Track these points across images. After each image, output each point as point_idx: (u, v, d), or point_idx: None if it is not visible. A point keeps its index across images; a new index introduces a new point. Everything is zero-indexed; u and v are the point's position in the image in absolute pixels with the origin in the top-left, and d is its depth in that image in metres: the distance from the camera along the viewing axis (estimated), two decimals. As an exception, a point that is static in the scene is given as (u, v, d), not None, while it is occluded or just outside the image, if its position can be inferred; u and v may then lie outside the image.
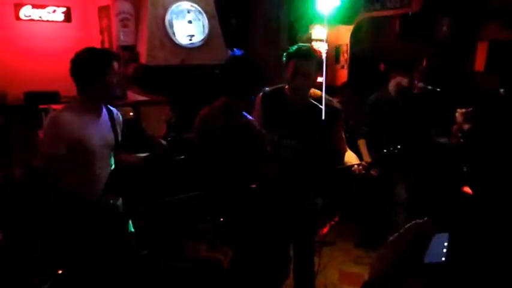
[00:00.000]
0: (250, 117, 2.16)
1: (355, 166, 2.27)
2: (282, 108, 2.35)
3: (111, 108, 2.23)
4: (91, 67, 2.01)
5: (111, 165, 2.20)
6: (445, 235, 0.89)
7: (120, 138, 2.25)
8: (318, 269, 2.68)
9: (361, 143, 3.32)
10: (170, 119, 2.42)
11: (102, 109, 2.15)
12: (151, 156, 2.33)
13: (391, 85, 3.37)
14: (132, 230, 2.34)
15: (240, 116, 2.14)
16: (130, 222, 2.32)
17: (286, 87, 2.39)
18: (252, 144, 2.08)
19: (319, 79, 2.38)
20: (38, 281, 2.25)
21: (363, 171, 2.25)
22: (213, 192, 2.21)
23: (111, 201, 2.11)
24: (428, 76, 3.94)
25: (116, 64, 2.06)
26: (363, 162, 2.31)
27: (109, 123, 2.16)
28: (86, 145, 2.02)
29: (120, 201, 2.17)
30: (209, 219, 2.28)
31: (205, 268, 3.20)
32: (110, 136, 2.16)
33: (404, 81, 3.32)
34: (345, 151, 2.46)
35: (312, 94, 2.36)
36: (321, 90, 2.37)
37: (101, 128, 2.11)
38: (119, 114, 2.30)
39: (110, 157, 2.19)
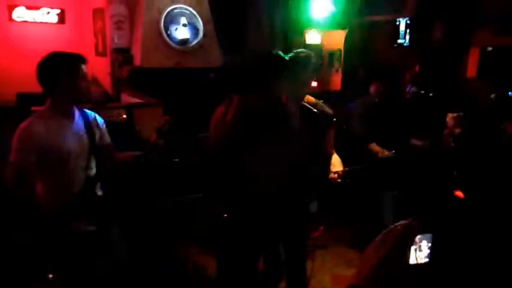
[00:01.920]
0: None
1: (331, 174, 2.31)
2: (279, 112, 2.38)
3: (87, 112, 2.19)
4: (54, 70, 1.98)
5: (89, 169, 2.14)
6: (426, 235, 0.91)
7: (102, 139, 2.21)
8: (310, 272, 2.68)
9: (373, 145, 3.34)
10: (162, 126, 2.35)
11: (73, 113, 2.10)
12: (143, 155, 2.30)
13: (372, 91, 3.42)
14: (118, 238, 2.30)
15: (256, 110, 2.11)
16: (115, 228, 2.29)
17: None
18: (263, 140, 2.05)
19: (313, 84, 2.40)
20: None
21: (339, 180, 2.30)
22: (223, 187, 2.18)
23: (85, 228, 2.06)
24: (421, 81, 4.00)
25: (83, 67, 2.01)
26: (339, 171, 2.34)
27: (83, 128, 2.11)
28: (56, 151, 1.98)
29: (92, 228, 2.10)
30: (209, 218, 2.27)
31: (196, 271, 3.20)
32: (84, 141, 2.11)
33: (382, 87, 3.37)
34: (332, 154, 2.50)
35: (306, 100, 2.39)
36: (315, 95, 2.41)
37: (73, 133, 2.07)
38: (97, 117, 2.24)
39: (86, 161, 2.12)
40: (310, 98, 2.41)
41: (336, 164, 2.46)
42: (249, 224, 2.15)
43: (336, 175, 2.31)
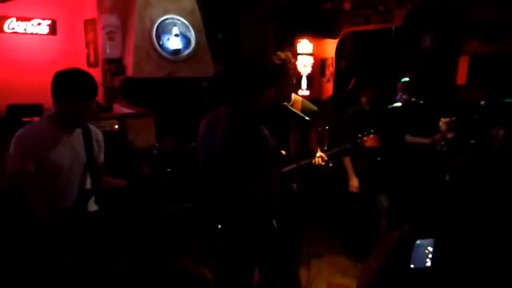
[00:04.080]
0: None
1: (316, 159, 2.41)
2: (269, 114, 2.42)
3: (90, 126, 2.17)
4: (71, 87, 1.95)
5: (84, 185, 2.12)
6: (427, 241, 0.91)
7: (99, 156, 2.20)
8: (306, 281, 2.67)
9: (347, 161, 3.38)
10: (165, 146, 2.34)
11: (72, 130, 2.08)
12: (134, 183, 2.30)
13: (364, 99, 3.45)
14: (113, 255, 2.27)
15: (251, 119, 2.12)
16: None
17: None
18: (260, 149, 2.07)
19: (304, 92, 2.47)
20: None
21: (322, 163, 2.40)
22: (215, 198, 2.17)
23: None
24: (412, 89, 4.04)
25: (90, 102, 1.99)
26: (322, 154, 2.44)
27: (82, 141, 2.09)
28: (53, 162, 1.96)
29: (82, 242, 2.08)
30: (204, 229, 2.25)
31: (191, 283, 3.17)
32: (81, 154, 2.08)
33: (375, 97, 3.42)
34: (316, 151, 2.55)
35: (293, 99, 2.50)
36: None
37: (72, 146, 2.05)
38: (97, 131, 2.23)
39: (82, 176, 2.10)
40: (297, 97, 2.53)
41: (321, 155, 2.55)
42: (243, 235, 2.13)
43: (320, 159, 2.42)
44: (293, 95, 2.53)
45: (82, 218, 2.09)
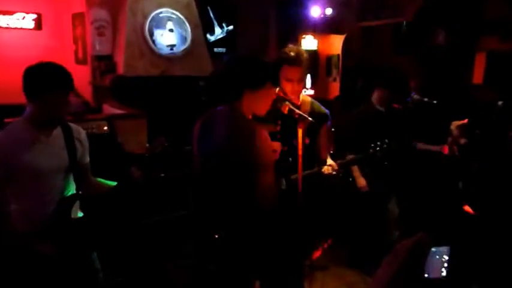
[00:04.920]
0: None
1: (325, 167, 2.42)
2: (271, 111, 2.41)
3: (71, 125, 2.14)
4: (43, 81, 1.93)
5: (66, 190, 2.10)
6: (443, 249, 0.90)
7: (83, 157, 2.18)
8: (309, 295, 2.65)
9: (355, 169, 3.38)
10: (156, 148, 2.32)
11: (53, 127, 2.05)
12: (122, 186, 2.28)
13: (374, 98, 3.45)
14: (98, 266, 2.25)
15: (248, 121, 2.12)
16: (95, 255, 2.25)
17: (277, 90, 2.46)
18: (258, 152, 2.05)
19: (308, 92, 2.48)
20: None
21: (333, 172, 2.41)
22: (211, 205, 2.17)
23: None
24: (424, 88, 4.03)
25: (63, 93, 1.95)
26: (333, 163, 2.45)
27: (62, 143, 2.07)
28: (26, 168, 1.94)
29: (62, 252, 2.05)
30: (199, 239, 2.24)
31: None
32: (62, 157, 2.06)
33: (387, 96, 3.41)
34: (325, 159, 2.56)
35: (302, 99, 2.48)
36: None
37: (52, 147, 2.03)
38: (79, 129, 2.20)
39: (64, 180, 2.08)
40: (306, 97, 2.53)
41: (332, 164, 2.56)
42: (243, 245, 2.12)
43: (330, 168, 2.45)
44: (301, 95, 2.53)
45: (64, 226, 2.07)
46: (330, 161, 2.59)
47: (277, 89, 2.46)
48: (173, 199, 3.64)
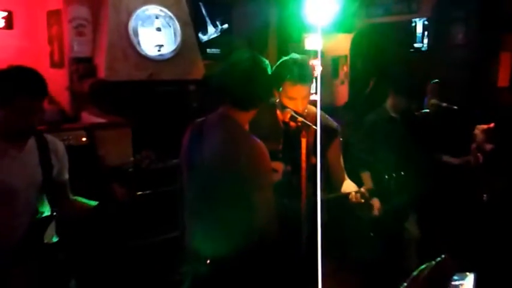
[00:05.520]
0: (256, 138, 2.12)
1: (352, 193, 2.33)
2: (271, 126, 2.40)
3: (47, 137, 2.13)
4: (12, 86, 1.92)
5: (39, 210, 2.07)
6: (467, 275, 0.89)
7: (60, 174, 2.17)
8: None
9: (366, 177, 3.36)
10: (142, 161, 2.32)
11: (26, 140, 2.04)
12: (103, 206, 2.27)
13: (389, 104, 3.45)
14: None
15: (244, 132, 2.10)
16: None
17: (277, 101, 2.46)
18: (256, 167, 2.04)
19: (313, 97, 2.45)
20: None
21: (362, 200, 2.32)
22: (202, 228, 2.16)
23: None
24: (442, 92, 4.05)
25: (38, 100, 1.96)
26: (362, 189, 2.37)
27: (37, 157, 2.05)
28: (1, 185, 1.92)
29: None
30: (188, 265, 2.22)
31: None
32: (36, 174, 2.04)
33: (402, 101, 3.41)
34: (343, 180, 2.52)
35: (307, 111, 2.43)
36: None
37: (24, 162, 2.01)
38: (56, 141, 2.19)
39: (37, 200, 2.06)
40: (311, 108, 2.47)
41: (352, 188, 2.49)
42: (240, 274, 2.11)
43: (359, 194, 2.34)
44: (307, 105, 2.47)
45: (37, 252, 2.05)
46: (349, 183, 2.54)
47: (277, 99, 2.44)
48: (161, 219, 3.63)
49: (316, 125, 2.35)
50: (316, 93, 2.51)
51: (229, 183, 2.07)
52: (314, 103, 2.40)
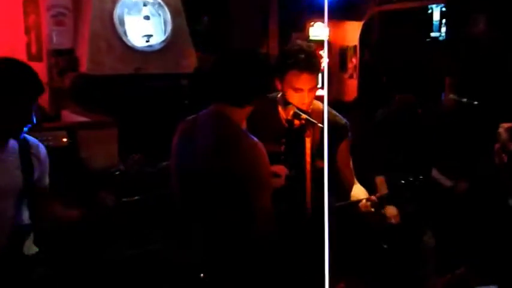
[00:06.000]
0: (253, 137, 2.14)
1: (363, 201, 2.33)
2: (272, 126, 2.39)
3: (28, 139, 2.16)
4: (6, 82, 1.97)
5: (19, 219, 2.10)
6: (489, 288, 0.89)
7: (41, 179, 2.19)
8: None
9: (380, 182, 3.37)
10: (131, 167, 2.36)
11: (6, 141, 2.07)
12: (88, 211, 2.29)
13: (402, 98, 3.47)
14: None
15: (239, 130, 2.12)
16: None
17: (279, 96, 2.47)
18: (253, 169, 2.05)
19: (319, 92, 2.45)
20: None
21: (372, 209, 2.30)
22: (195, 236, 2.18)
23: None
24: (461, 86, 4.04)
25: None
26: (372, 197, 2.36)
27: (17, 161, 2.07)
28: None
29: None
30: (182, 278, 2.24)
31: None
32: (16, 179, 2.06)
33: (417, 96, 3.42)
34: (352, 184, 2.53)
35: (312, 107, 2.43)
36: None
37: (4, 165, 2.03)
38: (39, 145, 2.22)
39: (14, 207, 2.07)
40: (318, 104, 2.47)
41: (361, 195, 2.48)
42: (239, 282, 2.12)
43: (369, 203, 2.33)
44: (315, 103, 2.47)
45: (15, 264, 2.05)
46: (358, 188, 2.54)
47: (279, 94, 2.46)
48: (151, 228, 3.63)
49: (322, 123, 2.35)
50: (322, 87, 2.51)
51: (222, 188, 2.08)
52: (320, 99, 2.41)
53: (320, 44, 7.25)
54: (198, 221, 2.16)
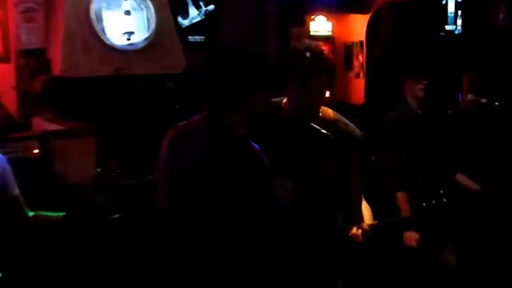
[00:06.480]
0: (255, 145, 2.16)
1: (354, 229, 2.30)
2: (275, 133, 2.40)
3: None
4: None
5: None
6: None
7: (6, 191, 2.22)
8: None
9: (402, 198, 3.37)
10: (106, 174, 2.39)
11: None
12: (71, 217, 2.33)
13: (410, 97, 3.46)
14: None
15: (236, 136, 2.15)
16: None
17: (284, 101, 2.47)
18: (252, 180, 2.08)
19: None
20: None
21: (364, 238, 2.27)
22: (185, 254, 2.19)
23: None
24: (481, 85, 4.06)
25: None
26: (364, 225, 2.33)
27: None
28: None
29: None
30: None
31: None
32: None
33: (418, 88, 3.41)
34: (360, 202, 2.53)
35: (322, 115, 2.44)
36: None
37: None
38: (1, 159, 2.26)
39: None
40: (328, 111, 2.47)
41: (366, 216, 2.50)
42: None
43: (360, 231, 2.30)
44: (322, 107, 2.47)
45: None
46: (365, 209, 2.55)
47: (284, 100, 2.47)
48: (134, 247, 3.62)
49: (333, 133, 2.35)
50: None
51: (218, 200, 2.11)
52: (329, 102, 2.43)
53: (322, 40, 7.30)
54: (192, 232, 2.17)
